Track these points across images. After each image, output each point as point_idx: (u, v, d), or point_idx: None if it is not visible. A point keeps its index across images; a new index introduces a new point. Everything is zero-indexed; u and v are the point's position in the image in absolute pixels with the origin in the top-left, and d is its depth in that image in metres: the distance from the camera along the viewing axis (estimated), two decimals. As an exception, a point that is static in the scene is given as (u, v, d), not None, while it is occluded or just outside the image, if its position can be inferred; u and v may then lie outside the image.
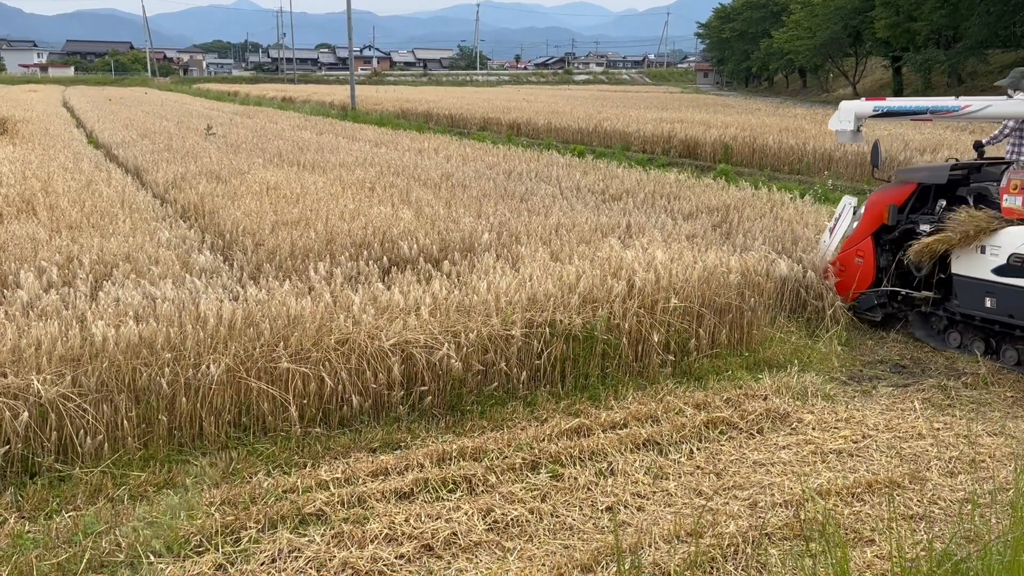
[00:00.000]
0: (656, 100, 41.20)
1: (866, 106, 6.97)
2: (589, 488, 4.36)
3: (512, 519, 4.04)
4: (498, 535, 3.93)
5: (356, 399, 4.99)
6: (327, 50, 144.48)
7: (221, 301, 5.21)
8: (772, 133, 19.36)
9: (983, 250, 6.19)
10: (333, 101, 38.74)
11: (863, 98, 7.52)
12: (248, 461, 4.57)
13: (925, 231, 6.67)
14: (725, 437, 5.01)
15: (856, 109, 7.01)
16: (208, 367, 4.70)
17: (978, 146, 7.29)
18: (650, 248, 6.80)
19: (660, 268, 6.16)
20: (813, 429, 5.11)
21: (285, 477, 4.40)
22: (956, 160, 7.37)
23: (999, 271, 6.10)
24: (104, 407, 4.46)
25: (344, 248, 7.15)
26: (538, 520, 4.05)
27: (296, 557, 3.74)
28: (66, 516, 3.98)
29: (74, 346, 4.59)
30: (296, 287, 5.75)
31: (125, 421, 4.49)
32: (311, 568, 3.66)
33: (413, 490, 4.29)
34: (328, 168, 12.29)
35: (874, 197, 7.23)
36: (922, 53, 37.00)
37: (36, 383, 4.31)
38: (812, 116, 24.88)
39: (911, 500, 4.28)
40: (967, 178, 6.80)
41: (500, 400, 5.36)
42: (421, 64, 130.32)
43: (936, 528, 4.02)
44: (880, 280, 7.04)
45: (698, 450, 4.83)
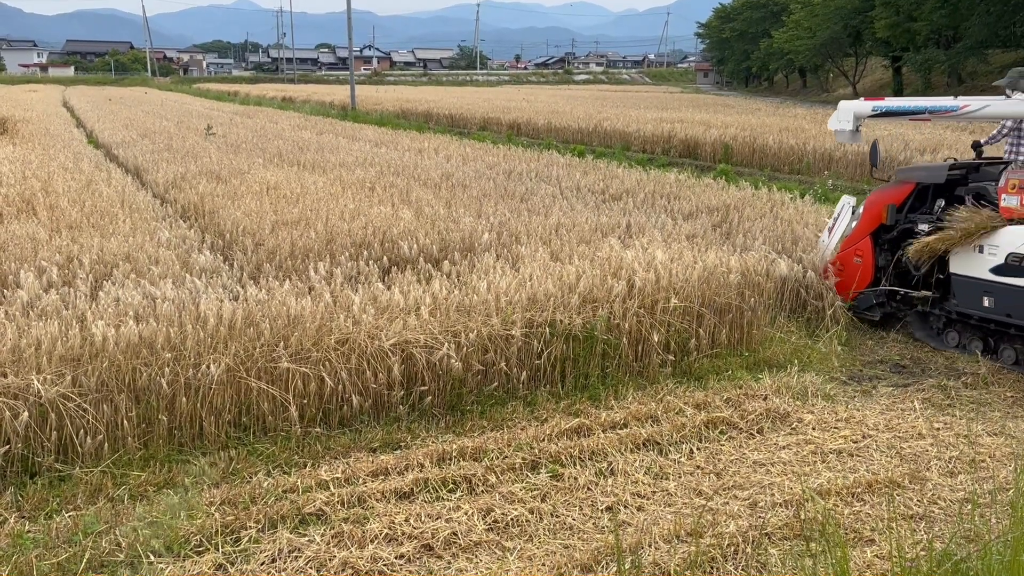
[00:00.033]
0: (656, 100, 41.20)
1: (865, 106, 6.98)
2: (589, 488, 4.36)
3: (512, 519, 4.04)
4: (498, 535, 3.93)
5: (356, 399, 4.99)
6: (327, 50, 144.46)
7: (221, 301, 5.21)
8: (772, 133, 19.36)
9: (981, 249, 6.19)
10: (333, 101, 38.74)
11: (862, 98, 7.52)
12: (248, 461, 4.57)
13: (923, 231, 6.68)
14: (725, 437, 5.01)
15: (855, 109, 7.01)
16: (208, 367, 4.70)
17: (976, 146, 7.30)
18: (650, 248, 6.80)
19: (660, 268, 6.16)
20: (813, 429, 5.12)
21: (285, 477, 4.40)
22: (954, 160, 7.38)
23: (997, 270, 6.11)
24: (104, 407, 4.46)
25: (344, 248, 7.15)
26: (538, 520, 4.05)
27: (296, 557, 3.74)
28: (66, 516, 3.98)
29: (74, 346, 4.60)
30: (296, 287, 5.75)
31: (125, 421, 4.49)
32: (311, 568, 3.66)
33: (413, 490, 4.29)
34: (328, 168, 12.29)
35: (873, 197, 7.23)
36: (922, 53, 37.01)
37: (36, 383, 4.31)
38: (812, 116, 24.89)
39: (911, 500, 4.28)
40: (965, 178, 6.81)
41: (500, 400, 5.36)
42: (421, 64, 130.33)
43: (936, 528, 4.02)
44: (879, 279, 7.05)
45: (698, 450, 4.83)
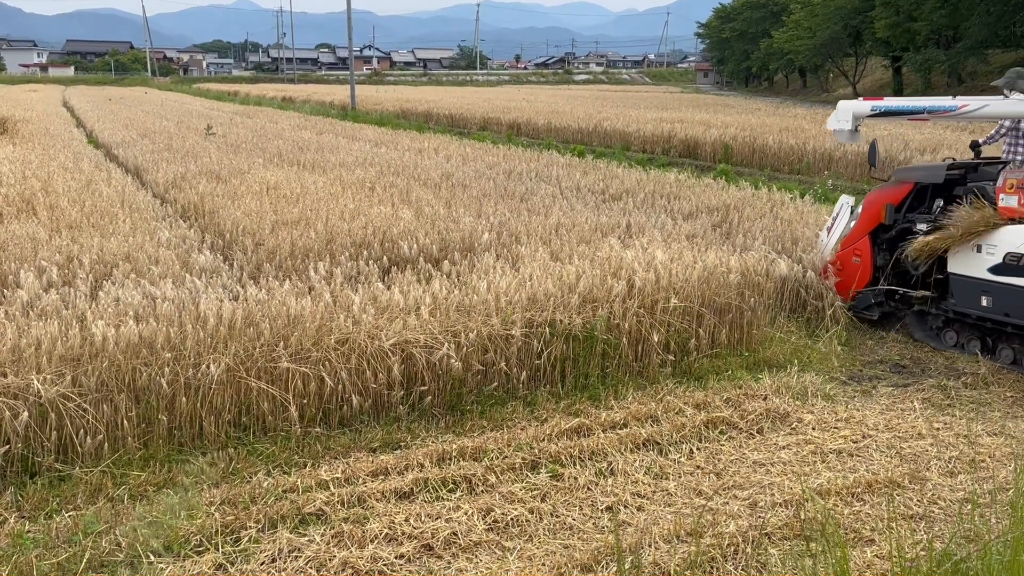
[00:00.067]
0: (656, 100, 41.20)
1: (864, 106, 6.99)
2: (589, 488, 4.36)
3: (512, 519, 4.04)
4: (498, 535, 3.93)
5: (356, 399, 4.99)
6: (327, 50, 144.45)
7: (221, 301, 5.21)
8: (772, 133, 19.36)
9: (979, 249, 6.21)
10: (333, 101, 38.75)
11: (861, 98, 7.54)
12: (248, 461, 4.57)
13: (922, 230, 6.70)
14: (725, 437, 5.01)
15: (854, 109, 7.03)
16: (208, 367, 4.70)
17: (975, 146, 7.33)
18: (650, 248, 6.80)
19: (660, 268, 6.16)
20: (813, 429, 5.11)
21: (285, 477, 4.40)
22: (953, 160, 7.39)
23: (995, 270, 6.12)
24: (104, 407, 4.46)
25: (344, 248, 7.15)
26: (538, 520, 4.05)
27: (296, 557, 3.74)
28: (66, 516, 3.98)
29: (74, 346, 4.59)
30: (296, 287, 5.75)
31: (125, 421, 4.49)
32: (311, 568, 3.66)
33: (413, 490, 4.29)
34: (328, 168, 12.28)
35: (871, 196, 7.25)
36: (922, 53, 37.01)
37: (36, 383, 4.31)
38: (812, 116, 24.88)
39: (911, 500, 4.28)
40: (964, 177, 6.83)
41: (500, 400, 5.36)
42: (421, 64, 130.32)
43: (936, 528, 4.02)
44: (877, 279, 7.07)
45: (698, 450, 4.83)
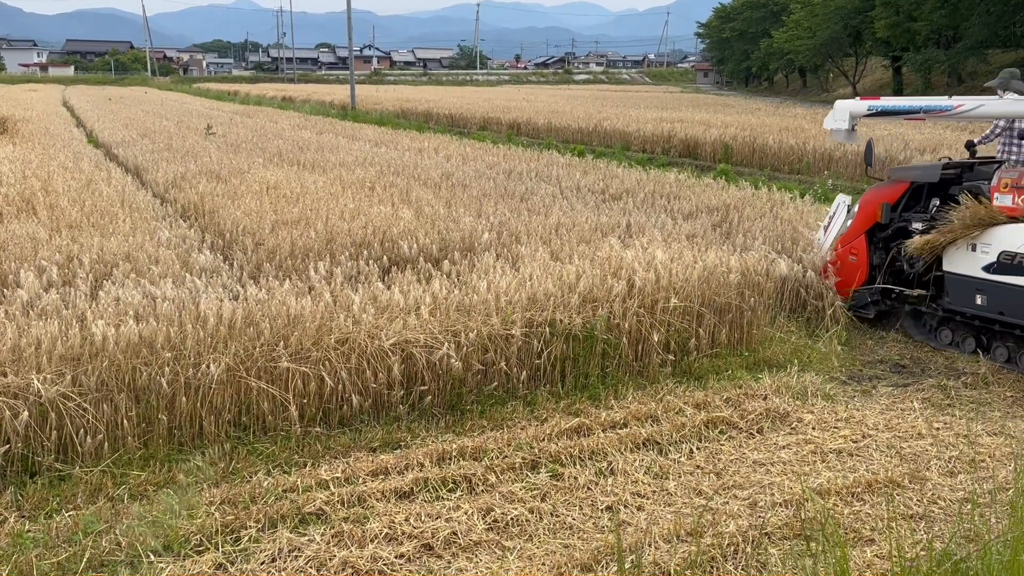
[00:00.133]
0: (656, 100, 41.20)
1: (861, 105, 7.02)
2: (589, 488, 4.36)
3: (512, 518, 4.04)
4: (498, 534, 3.93)
5: (356, 398, 4.99)
6: (327, 49, 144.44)
7: (221, 300, 5.21)
8: (772, 133, 19.36)
9: (974, 248, 6.23)
10: (333, 100, 38.73)
11: (858, 97, 7.56)
12: (248, 460, 4.57)
13: (918, 229, 6.73)
14: (725, 437, 5.01)
15: (851, 108, 7.06)
16: (208, 366, 4.70)
17: (970, 145, 7.38)
18: (650, 248, 6.80)
19: (660, 268, 6.16)
20: (813, 429, 5.12)
21: (285, 476, 4.40)
22: (949, 159, 7.42)
23: (989, 268, 6.15)
24: (104, 406, 4.46)
25: (344, 247, 7.15)
26: (538, 520, 4.05)
27: (296, 556, 3.74)
28: (66, 515, 3.97)
29: (74, 345, 4.59)
30: (296, 287, 5.75)
31: (125, 420, 4.49)
32: (311, 567, 3.66)
33: (413, 489, 4.29)
34: (328, 167, 12.28)
35: (868, 196, 7.28)
36: (922, 53, 37.02)
37: (36, 382, 4.31)
38: (812, 116, 24.87)
39: (911, 500, 4.28)
40: (960, 177, 6.86)
41: (500, 400, 5.36)
42: (421, 64, 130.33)
43: (936, 528, 4.02)
44: (873, 278, 7.09)
45: (698, 450, 4.83)
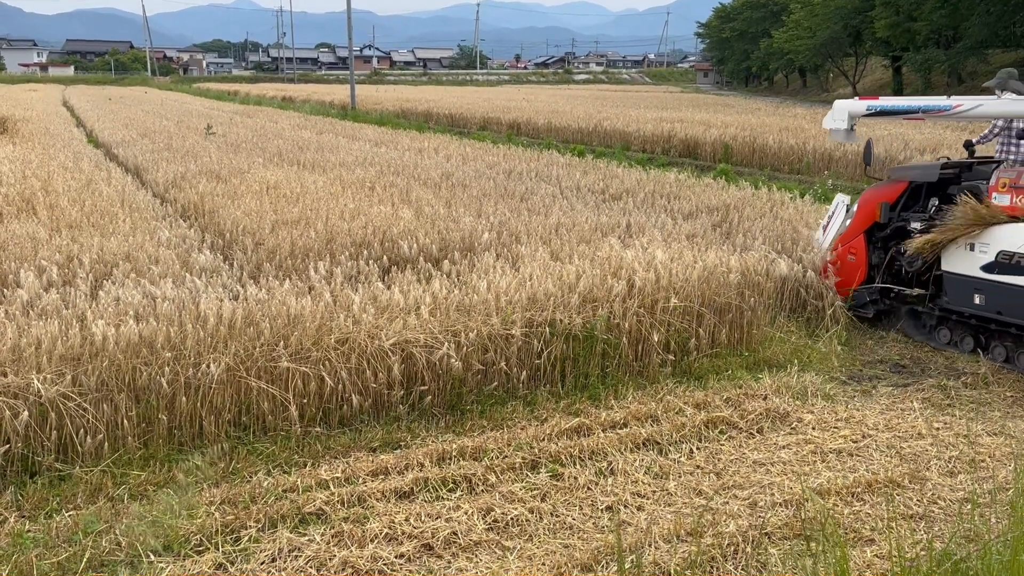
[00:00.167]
0: (656, 100, 41.20)
1: (859, 105, 7.04)
2: (589, 487, 4.36)
3: (512, 518, 4.04)
4: (498, 534, 3.93)
5: (356, 398, 4.99)
6: (327, 49, 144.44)
7: (221, 300, 5.21)
8: (772, 133, 19.36)
9: (972, 247, 6.24)
10: (333, 100, 38.72)
11: (857, 97, 7.57)
12: (248, 460, 4.57)
13: (916, 229, 6.74)
14: (725, 437, 5.01)
15: (850, 108, 7.08)
16: (208, 366, 4.70)
17: (968, 145, 7.40)
18: (650, 248, 6.80)
19: (660, 268, 6.16)
20: (813, 429, 5.12)
21: (285, 476, 4.40)
22: (947, 159, 7.43)
23: (987, 268, 6.16)
24: (104, 406, 4.46)
25: (344, 247, 7.15)
26: (538, 519, 4.05)
27: (296, 556, 3.74)
28: (66, 515, 3.97)
29: (74, 345, 4.59)
30: (296, 286, 5.75)
31: (125, 420, 4.49)
32: (311, 567, 3.66)
33: (413, 489, 4.29)
34: (328, 167, 12.28)
35: (867, 195, 7.29)
36: (922, 53, 37.04)
37: (36, 382, 4.31)
38: (812, 116, 24.87)
39: (911, 500, 4.28)
40: (958, 176, 6.87)
41: (500, 400, 5.36)
42: (421, 63, 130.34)
43: (936, 528, 4.02)
44: (872, 277, 7.10)
45: (698, 450, 4.83)
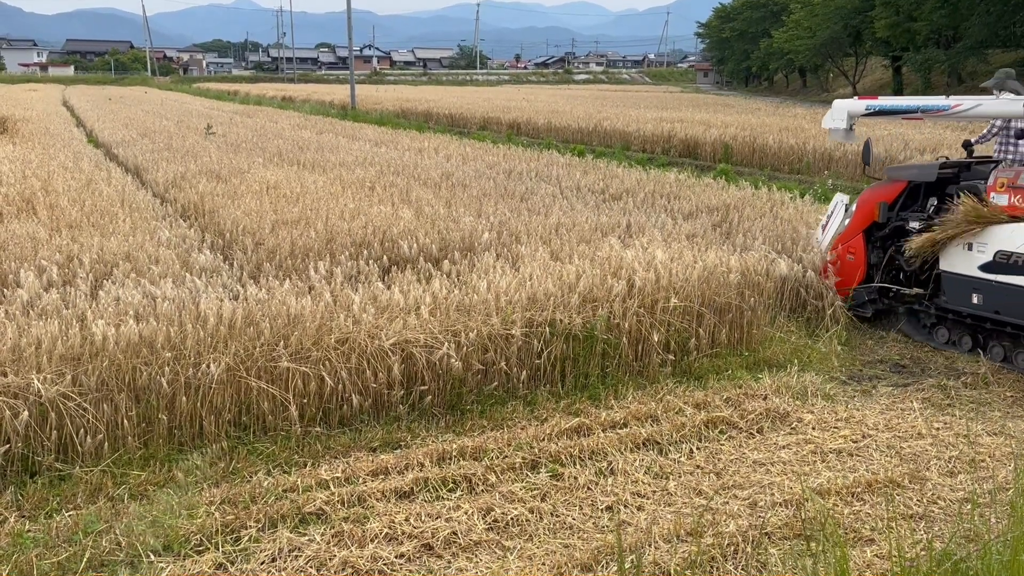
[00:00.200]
0: (656, 100, 41.20)
1: (858, 104, 7.05)
2: (589, 487, 4.36)
3: (512, 518, 4.04)
4: (498, 534, 3.94)
5: (356, 398, 4.99)
6: (327, 49, 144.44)
7: (221, 300, 5.21)
8: (772, 133, 19.36)
9: (970, 247, 6.24)
10: (333, 100, 38.72)
11: (856, 96, 7.59)
12: (248, 460, 4.57)
13: (915, 228, 6.75)
14: (725, 437, 5.01)
15: (849, 107, 7.09)
16: (208, 366, 4.70)
17: (967, 145, 7.42)
18: (650, 248, 6.80)
19: (660, 268, 6.16)
20: (813, 429, 5.12)
21: (285, 476, 4.40)
22: (946, 159, 7.45)
23: (985, 268, 6.16)
24: (104, 406, 4.46)
25: (344, 247, 7.15)
26: (538, 519, 4.05)
27: (296, 556, 3.74)
28: (66, 515, 3.97)
29: (74, 345, 4.59)
30: (296, 286, 5.75)
31: (125, 420, 4.49)
32: (311, 567, 3.67)
33: (413, 489, 4.29)
34: (328, 167, 12.28)
35: (865, 195, 7.30)
36: (922, 53, 37.05)
37: (36, 382, 4.31)
38: (812, 116, 24.86)
39: (911, 500, 4.29)
40: (957, 176, 6.88)
41: (500, 399, 5.36)
42: (421, 63, 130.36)
43: (936, 528, 4.02)
44: (871, 277, 7.11)
45: (698, 449, 4.83)
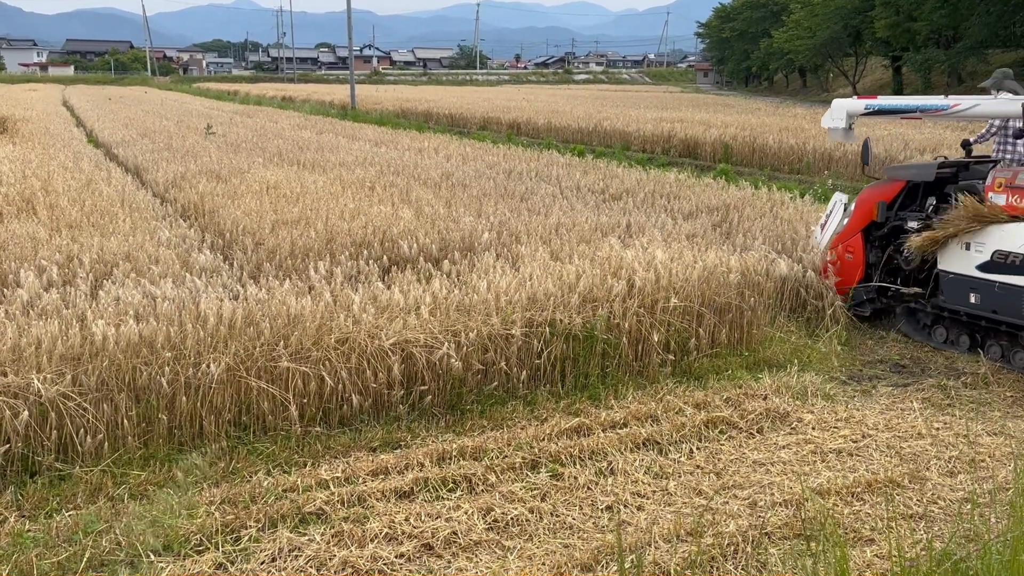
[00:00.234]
0: (656, 100, 41.20)
1: (858, 104, 7.06)
2: (589, 487, 4.36)
3: (512, 518, 4.04)
4: (498, 534, 3.94)
5: (356, 398, 4.99)
6: (327, 49, 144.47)
7: (221, 300, 5.21)
8: (772, 133, 19.36)
9: (968, 247, 6.24)
10: (333, 100, 38.72)
11: (855, 96, 7.61)
12: (248, 460, 4.57)
13: (914, 228, 6.75)
14: (725, 437, 5.01)
15: (848, 107, 7.10)
16: (208, 366, 4.70)
17: (966, 145, 7.44)
18: (650, 248, 6.80)
19: (660, 268, 6.16)
20: (813, 429, 5.12)
21: (285, 476, 4.40)
22: (944, 158, 7.46)
23: (983, 267, 6.16)
24: (104, 406, 4.46)
25: (344, 247, 7.15)
26: (538, 519, 4.05)
27: (296, 556, 3.74)
28: (66, 515, 3.97)
29: (74, 345, 4.59)
30: (296, 286, 5.75)
31: (125, 420, 4.49)
32: (311, 567, 3.66)
33: (413, 489, 4.29)
34: (328, 167, 12.28)
35: (864, 194, 7.31)
36: (922, 53, 37.06)
37: (36, 382, 4.31)
38: (812, 116, 24.86)
39: (911, 500, 4.28)
40: (955, 176, 6.89)
41: (500, 399, 5.36)
42: (421, 63, 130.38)
43: (936, 527, 4.02)
44: (870, 276, 7.12)
45: (698, 449, 4.83)
